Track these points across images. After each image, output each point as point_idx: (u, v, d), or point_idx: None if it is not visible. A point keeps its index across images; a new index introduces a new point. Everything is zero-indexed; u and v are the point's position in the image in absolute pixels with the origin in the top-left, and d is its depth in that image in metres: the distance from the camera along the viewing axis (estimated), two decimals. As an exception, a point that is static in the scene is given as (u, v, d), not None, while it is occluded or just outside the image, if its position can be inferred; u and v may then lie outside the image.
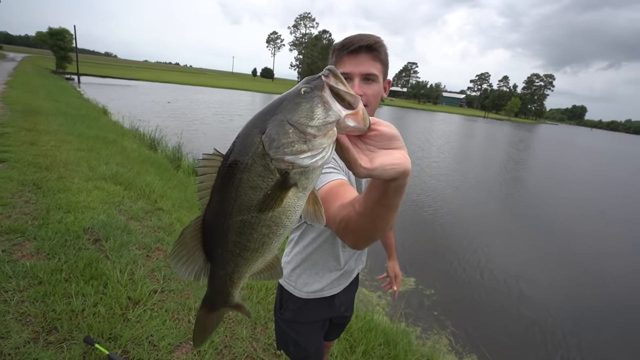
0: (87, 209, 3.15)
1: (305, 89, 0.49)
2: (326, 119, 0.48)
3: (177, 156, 7.64)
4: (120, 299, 2.09)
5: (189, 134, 12.41)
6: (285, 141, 0.47)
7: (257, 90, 55.83)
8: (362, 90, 0.98)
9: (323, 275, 1.22)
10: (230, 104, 29.19)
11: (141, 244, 2.84)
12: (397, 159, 0.51)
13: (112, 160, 5.05)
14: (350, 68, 0.98)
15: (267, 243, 0.53)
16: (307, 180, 0.49)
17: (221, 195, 0.50)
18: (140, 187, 4.18)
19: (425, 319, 3.99)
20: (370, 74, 0.98)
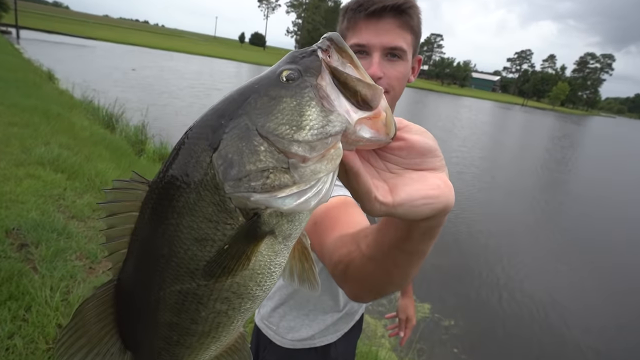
0: (13, 204, 3.04)
1: (290, 73, 0.42)
2: (325, 128, 0.40)
3: (140, 138, 7.54)
4: (47, 328, 1.96)
5: (156, 110, 12.26)
6: (252, 167, 0.39)
7: (245, 60, 55.69)
8: (384, 71, 0.93)
9: (315, 318, 1.17)
10: (210, 75, 29.03)
11: (83, 251, 2.74)
12: (433, 189, 0.44)
13: (54, 140, 4.94)
14: (368, 37, 0.92)
15: (225, 324, 0.46)
16: (290, 225, 0.42)
17: (147, 249, 0.44)
18: (89, 176, 4.10)
19: (443, 357, 3.93)
20: (396, 48, 0.93)
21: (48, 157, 4.19)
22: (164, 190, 0.42)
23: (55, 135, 5.21)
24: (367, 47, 0.93)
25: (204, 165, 0.40)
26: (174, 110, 13.28)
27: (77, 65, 19.52)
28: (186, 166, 0.41)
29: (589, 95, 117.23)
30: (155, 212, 0.42)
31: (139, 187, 0.43)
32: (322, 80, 0.42)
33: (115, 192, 0.43)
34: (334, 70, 0.43)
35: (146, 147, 7.16)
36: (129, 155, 6.00)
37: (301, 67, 0.42)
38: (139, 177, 0.44)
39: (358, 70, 0.43)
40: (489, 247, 6.67)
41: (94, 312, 0.46)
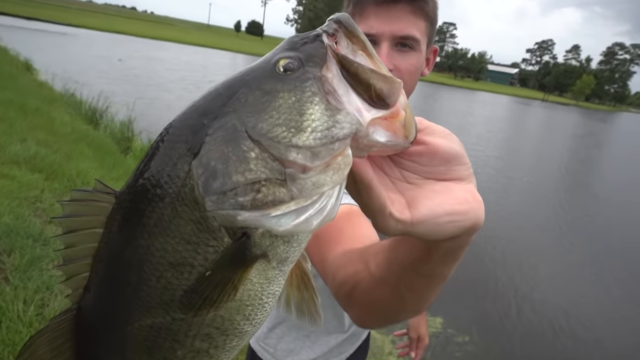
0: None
1: (288, 62, 0.40)
2: (331, 130, 0.37)
3: (127, 135, 7.55)
4: (19, 346, 1.93)
5: (144, 104, 12.28)
6: (240, 179, 0.36)
7: (241, 50, 55.81)
8: (394, 63, 0.92)
9: (317, 340, 1.15)
10: (203, 66, 29.09)
11: (61, 260, 2.70)
12: (460, 203, 0.42)
13: (31, 136, 4.94)
14: (377, 25, 0.91)
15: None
16: (287, 247, 0.40)
17: (112, 274, 0.42)
18: (70, 176, 4.11)
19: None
20: (407, 37, 0.92)
21: (24, 155, 4.18)
22: (133, 203, 0.39)
23: (32, 131, 5.20)
24: (375, 36, 0.92)
25: (181, 175, 0.37)
26: (163, 105, 13.33)
27: (57, 54, 19.57)
28: (160, 175, 0.38)
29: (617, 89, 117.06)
30: (123, 230, 0.40)
31: (104, 198, 0.41)
32: (328, 71, 0.39)
33: (74, 205, 0.40)
34: (343, 59, 0.40)
35: (133, 144, 7.15)
36: (114, 154, 6.01)
37: (302, 54, 0.40)
38: (103, 187, 0.41)
39: (372, 60, 0.40)
40: (506, 255, 6.62)
41: (46, 348, 0.44)
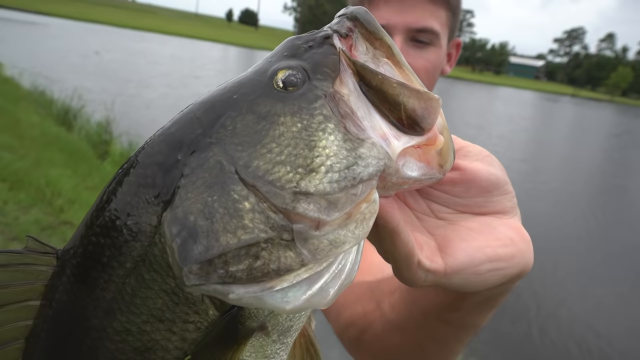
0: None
1: (290, 75, 0.35)
2: (352, 169, 0.33)
3: (104, 138, 7.47)
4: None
5: (124, 103, 12.31)
6: (231, 241, 0.32)
7: (233, 42, 56.26)
8: (408, 61, 0.83)
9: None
10: (190, 60, 29.21)
11: (26, 285, 2.59)
12: (504, 245, 0.40)
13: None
14: (388, 15, 0.89)
15: None
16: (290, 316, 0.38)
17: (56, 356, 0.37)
18: (38, 186, 4.04)
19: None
20: (425, 30, 0.90)
21: None
22: (82, 267, 0.35)
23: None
24: (385, 27, 0.85)
25: (147, 231, 0.32)
26: (145, 103, 13.37)
27: (25, 46, 19.66)
28: (119, 230, 0.33)
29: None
30: (68, 305, 0.35)
31: (41, 260, 0.36)
32: (343, 85, 0.35)
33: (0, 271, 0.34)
34: (362, 70, 0.35)
35: (111, 148, 7.07)
36: (90, 160, 5.97)
37: (307, 63, 0.35)
38: (39, 245, 0.36)
39: (401, 69, 0.37)
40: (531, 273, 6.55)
41: None
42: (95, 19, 48.69)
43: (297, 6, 74.02)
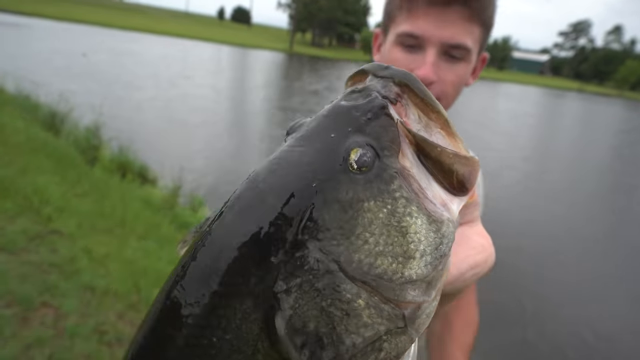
0: None
1: (361, 155, 0.34)
2: (440, 248, 0.35)
3: (93, 143, 7.46)
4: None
5: (113, 106, 12.27)
6: (357, 341, 0.32)
7: (225, 41, 56.17)
8: (439, 74, 0.94)
9: None
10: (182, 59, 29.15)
11: (15, 295, 2.66)
12: (478, 251, 0.47)
13: (-24, 147, 4.90)
14: (426, 27, 0.92)
15: None
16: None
17: None
18: (25, 194, 4.03)
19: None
20: (459, 46, 0.94)
21: None
22: None
23: (-22, 140, 5.15)
24: (421, 39, 0.93)
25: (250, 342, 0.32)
26: (134, 105, 13.38)
27: (8, 49, 19.61)
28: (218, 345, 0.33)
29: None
30: None
31: None
32: (405, 159, 0.35)
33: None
34: (422, 142, 0.36)
35: (101, 154, 7.08)
36: (79, 166, 5.91)
37: (373, 139, 0.35)
38: None
39: (454, 139, 0.38)
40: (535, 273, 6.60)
41: None
42: (81, 19, 48.36)
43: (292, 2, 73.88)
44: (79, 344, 2.45)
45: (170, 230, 4.85)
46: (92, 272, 3.16)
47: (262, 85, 25.07)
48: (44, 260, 3.12)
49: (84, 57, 21.58)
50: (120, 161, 6.86)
